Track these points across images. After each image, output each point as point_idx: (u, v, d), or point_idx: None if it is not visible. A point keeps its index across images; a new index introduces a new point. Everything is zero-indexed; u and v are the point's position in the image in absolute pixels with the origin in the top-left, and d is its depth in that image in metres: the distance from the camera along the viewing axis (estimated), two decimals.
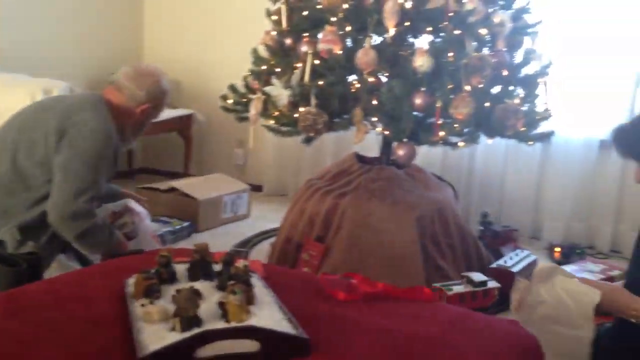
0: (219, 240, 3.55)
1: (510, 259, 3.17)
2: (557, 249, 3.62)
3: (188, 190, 3.90)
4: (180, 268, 1.53)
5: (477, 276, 2.82)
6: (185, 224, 3.72)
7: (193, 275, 1.50)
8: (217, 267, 1.51)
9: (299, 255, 3.08)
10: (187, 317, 1.22)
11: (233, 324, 1.22)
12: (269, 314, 1.30)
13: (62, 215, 2.23)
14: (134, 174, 5.32)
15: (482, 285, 2.77)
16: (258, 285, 1.45)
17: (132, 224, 2.64)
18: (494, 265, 3.13)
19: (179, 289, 1.29)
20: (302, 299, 1.51)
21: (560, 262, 3.26)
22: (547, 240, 3.91)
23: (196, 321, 1.22)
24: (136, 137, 2.60)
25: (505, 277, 2.86)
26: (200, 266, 1.51)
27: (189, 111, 4.84)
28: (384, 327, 1.39)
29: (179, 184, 4.02)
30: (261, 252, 3.42)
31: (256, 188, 4.68)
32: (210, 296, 1.36)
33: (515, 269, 3.02)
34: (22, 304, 1.41)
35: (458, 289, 2.74)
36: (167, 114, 4.65)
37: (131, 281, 1.45)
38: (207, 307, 1.30)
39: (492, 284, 2.80)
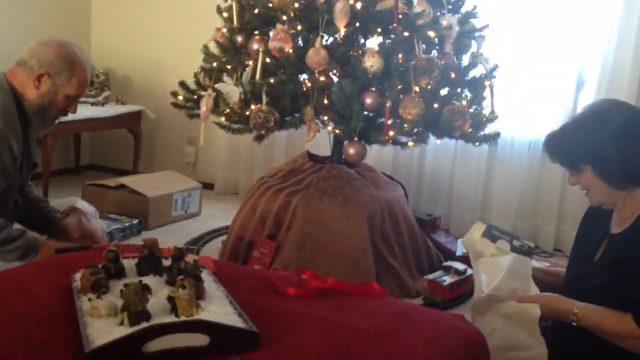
0: (169, 237, 3.52)
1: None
2: None
3: (137, 187, 3.84)
4: (129, 263, 1.52)
5: (459, 265, 2.99)
6: (135, 221, 3.67)
7: (142, 270, 1.49)
8: (167, 262, 1.51)
9: (250, 253, 3.08)
10: (135, 311, 1.20)
11: (182, 318, 1.22)
12: (218, 309, 1.30)
13: None
14: (81, 170, 5.22)
15: (465, 273, 2.94)
16: (208, 280, 1.45)
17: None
18: (459, 253, 3.25)
19: (127, 284, 1.28)
20: (253, 294, 1.51)
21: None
22: None
23: (145, 315, 1.21)
24: (46, 118, 2.25)
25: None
26: (149, 261, 1.50)
27: (139, 107, 4.77)
28: (333, 321, 1.41)
29: (128, 180, 3.96)
30: (212, 250, 3.41)
31: (207, 186, 4.65)
32: (159, 291, 1.35)
33: None
34: None
35: (448, 279, 2.90)
36: (115, 109, 4.60)
37: (78, 276, 1.43)
38: (156, 301, 1.29)
39: (470, 270, 2.91)
